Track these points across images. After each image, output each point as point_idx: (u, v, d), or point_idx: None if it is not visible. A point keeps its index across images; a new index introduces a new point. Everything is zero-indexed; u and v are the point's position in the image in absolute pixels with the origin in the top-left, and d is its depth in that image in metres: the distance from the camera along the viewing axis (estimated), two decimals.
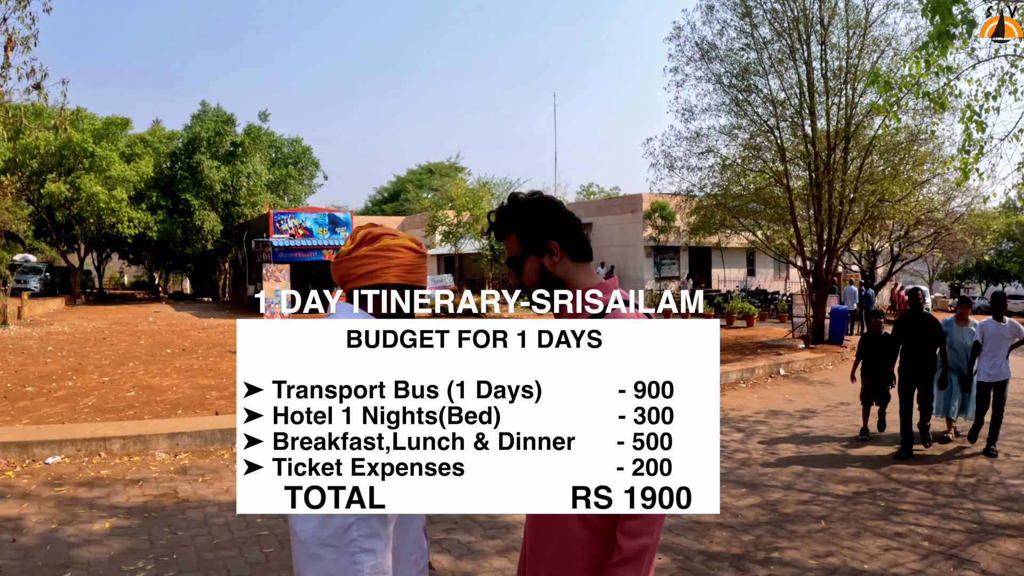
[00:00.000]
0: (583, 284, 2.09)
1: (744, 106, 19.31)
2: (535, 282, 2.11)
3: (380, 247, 2.09)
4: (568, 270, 2.10)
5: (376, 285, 2.08)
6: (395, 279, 2.08)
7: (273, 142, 42.10)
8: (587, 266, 2.13)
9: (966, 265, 41.97)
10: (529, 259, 2.10)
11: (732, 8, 18.74)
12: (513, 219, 2.11)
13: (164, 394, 10.44)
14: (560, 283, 2.10)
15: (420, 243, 2.22)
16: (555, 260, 2.08)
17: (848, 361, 17.08)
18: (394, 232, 2.17)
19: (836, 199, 18.19)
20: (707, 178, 20.77)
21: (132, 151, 35.61)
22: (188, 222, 36.53)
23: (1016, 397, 12.70)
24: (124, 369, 12.91)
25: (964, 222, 23.92)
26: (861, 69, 17.57)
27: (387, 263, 2.08)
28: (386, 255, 2.08)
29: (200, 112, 39.62)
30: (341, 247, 2.22)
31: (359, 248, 2.09)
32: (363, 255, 2.08)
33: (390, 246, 2.10)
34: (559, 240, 2.08)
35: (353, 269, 2.08)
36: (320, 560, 1.90)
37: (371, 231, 2.13)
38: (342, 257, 2.12)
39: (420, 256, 2.16)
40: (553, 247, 2.08)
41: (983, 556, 5.13)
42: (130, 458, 7.01)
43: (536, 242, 2.08)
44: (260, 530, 5.09)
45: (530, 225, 2.08)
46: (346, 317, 1.98)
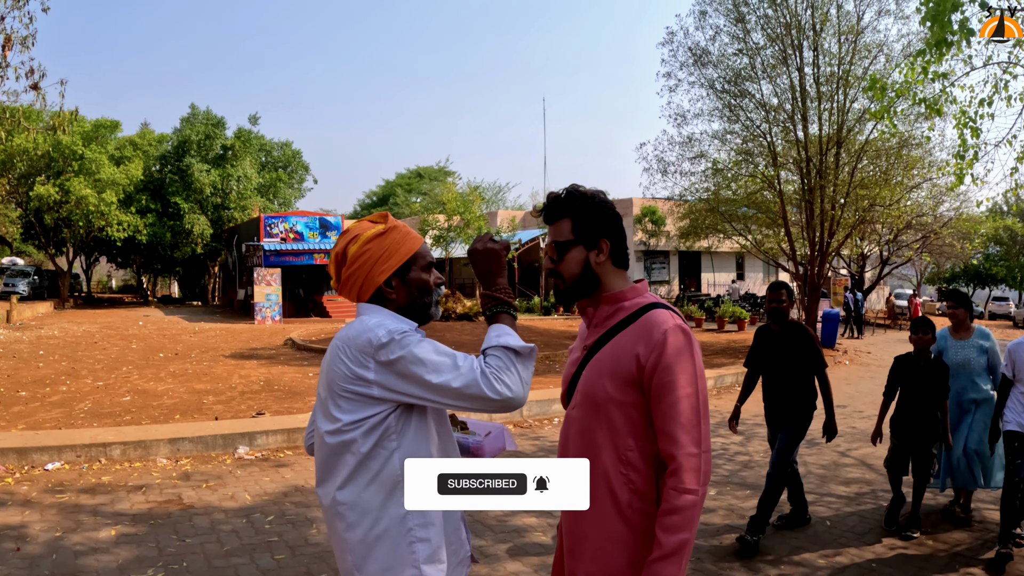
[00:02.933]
0: (616, 288, 2.12)
1: (737, 111, 19.43)
2: (575, 274, 2.11)
3: (350, 261, 2.02)
4: (607, 272, 2.12)
5: (378, 292, 2.03)
6: (385, 274, 2.01)
7: (263, 145, 41.95)
8: (624, 274, 2.15)
9: (953, 269, 42.29)
10: (576, 249, 2.10)
11: (725, 14, 18.88)
12: (573, 205, 2.10)
13: (160, 399, 10.38)
14: (597, 283, 2.12)
15: (383, 215, 2.09)
16: (601, 259, 2.10)
17: (841, 364, 17.16)
18: (355, 232, 2.05)
19: (828, 203, 18.31)
20: (699, 183, 20.89)
21: (121, 154, 35.38)
22: (177, 225, 36.33)
23: None
24: (118, 373, 12.82)
25: (952, 226, 24.11)
26: (853, 75, 17.70)
27: (367, 269, 2.00)
28: (359, 264, 2.01)
29: (190, 115, 39.45)
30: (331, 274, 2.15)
31: (340, 271, 2.05)
32: (346, 279, 2.03)
33: (356, 254, 2.00)
34: (611, 240, 2.10)
35: (351, 293, 2.06)
36: (378, 551, 1.90)
37: (337, 250, 2.06)
38: (337, 287, 2.10)
39: (388, 232, 2.03)
40: (603, 245, 2.09)
41: (988, 555, 5.13)
42: (131, 464, 6.96)
43: (589, 234, 2.09)
44: (270, 536, 5.06)
45: (589, 216, 2.09)
46: (377, 319, 1.96)
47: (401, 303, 2.06)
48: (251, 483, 6.40)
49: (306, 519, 5.43)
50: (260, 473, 6.75)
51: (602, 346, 2.08)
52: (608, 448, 2.02)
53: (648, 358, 1.96)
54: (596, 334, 2.13)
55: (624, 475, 2.00)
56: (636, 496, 2.00)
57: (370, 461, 1.90)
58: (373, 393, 1.88)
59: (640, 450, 2.00)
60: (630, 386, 1.99)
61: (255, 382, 12.10)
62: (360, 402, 1.90)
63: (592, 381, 2.06)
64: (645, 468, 2.00)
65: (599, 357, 2.07)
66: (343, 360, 1.91)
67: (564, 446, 2.16)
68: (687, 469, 1.90)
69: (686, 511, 1.89)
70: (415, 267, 2.06)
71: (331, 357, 1.97)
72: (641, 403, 2.00)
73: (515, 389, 1.85)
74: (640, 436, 2.01)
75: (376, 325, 1.92)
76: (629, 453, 2.00)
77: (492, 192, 62.95)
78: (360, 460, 1.90)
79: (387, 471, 1.90)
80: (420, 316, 2.09)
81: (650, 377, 1.96)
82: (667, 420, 1.94)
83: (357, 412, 1.90)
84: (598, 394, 2.04)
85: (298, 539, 5.02)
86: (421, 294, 2.07)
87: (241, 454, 7.43)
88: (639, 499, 2.00)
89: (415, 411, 1.96)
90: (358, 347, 1.90)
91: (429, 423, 1.99)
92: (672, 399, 1.94)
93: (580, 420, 2.10)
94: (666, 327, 1.98)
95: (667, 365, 1.94)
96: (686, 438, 1.92)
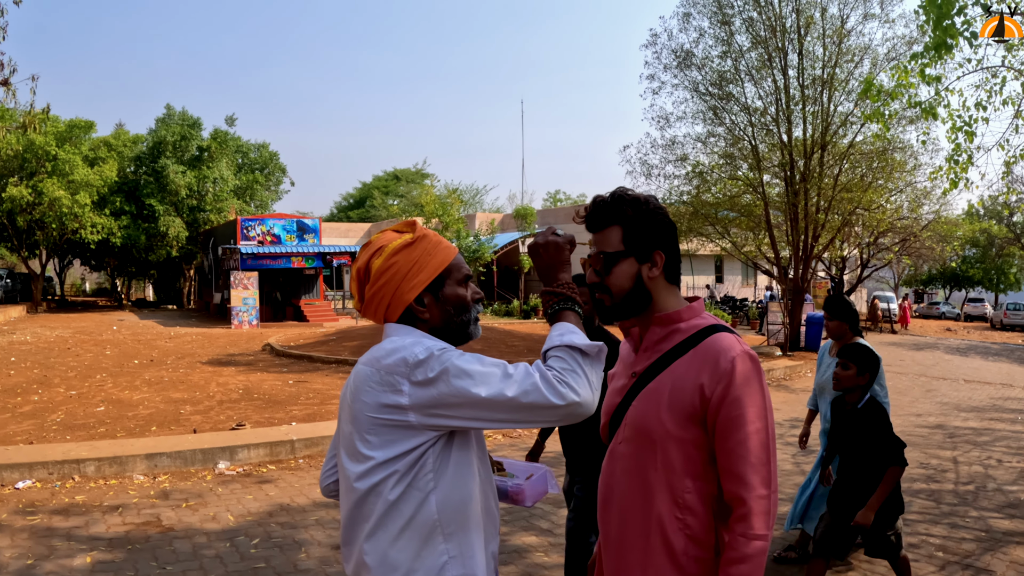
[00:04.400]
0: (669, 308, 1.89)
1: (721, 114, 19.35)
2: (624, 289, 1.86)
3: (374, 277, 1.77)
4: (659, 289, 1.89)
5: (408, 312, 1.77)
6: (416, 291, 1.75)
7: (240, 147, 41.39)
8: (676, 291, 1.92)
9: (931, 271, 42.69)
10: (627, 261, 1.86)
11: (710, 16, 18.79)
12: (624, 212, 1.85)
13: (135, 409, 10.03)
14: (648, 300, 1.88)
15: (411, 224, 1.84)
16: (654, 273, 1.86)
17: None
18: (379, 244, 1.81)
19: (812, 207, 18.28)
20: (681, 185, 20.80)
21: (96, 155, 34.68)
22: (152, 228, 35.72)
23: (997, 402, 12.81)
24: (91, 382, 12.43)
25: (931, 229, 24.24)
26: (837, 78, 17.69)
27: (395, 285, 1.75)
28: (385, 280, 1.76)
29: (165, 115, 38.87)
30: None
31: (364, 290, 1.79)
32: (370, 297, 1.78)
33: (381, 268, 1.76)
34: (666, 253, 1.87)
35: (376, 313, 1.79)
36: None
37: (359, 264, 1.81)
38: (360, 308, 1.83)
39: (417, 243, 1.79)
40: (658, 258, 1.86)
41: (998, 564, 5.08)
42: (106, 481, 6.64)
43: (643, 246, 1.85)
44: (256, 562, 4.78)
45: (642, 225, 1.85)
46: (411, 338, 1.71)
47: (435, 322, 1.79)
48: (233, 502, 6.11)
49: (294, 542, 5.15)
50: (242, 490, 6.46)
51: (656, 374, 1.85)
52: (663, 490, 1.80)
53: (714, 390, 1.74)
54: (647, 359, 1.90)
55: (680, 519, 1.78)
56: (692, 543, 1.79)
57: (401, 505, 1.62)
58: (410, 420, 1.61)
59: (699, 491, 1.79)
60: (691, 421, 1.78)
61: (234, 390, 11.76)
62: (395, 434, 1.62)
63: (646, 414, 1.83)
64: (703, 511, 1.79)
65: (654, 387, 1.84)
66: (371, 386, 1.64)
67: (608, 487, 1.94)
68: (757, 513, 1.70)
69: (755, 559, 1.69)
70: (450, 281, 1.80)
71: (356, 384, 1.69)
72: (703, 440, 1.79)
73: (583, 393, 1.57)
74: (699, 476, 1.79)
75: (412, 343, 1.66)
76: (687, 495, 1.79)
77: (470, 195, 62.72)
78: (390, 505, 1.62)
79: (421, 517, 1.63)
80: (457, 337, 1.81)
81: (716, 411, 1.75)
82: (735, 459, 1.73)
83: (392, 447, 1.62)
84: (654, 430, 1.81)
85: (287, 565, 4.74)
86: (458, 312, 1.80)
87: (222, 469, 7.13)
88: (695, 546, 1.79)
89: (455, 445, 1.68)
90: (389, 368, 1.63)
91: (471, 458, 1.72)
92: (741, 435, 1.73)
93: (629, 458, 1.87)
94: (733, 354, 1.76)
95: (735, 398, 1.73)
96: (756, 478, 1.71)
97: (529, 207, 37.90)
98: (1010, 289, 47.08)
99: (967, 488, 7.08)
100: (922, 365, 18.92)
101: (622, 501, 1.88)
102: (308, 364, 15.56)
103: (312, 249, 29.97)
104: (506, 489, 1.96)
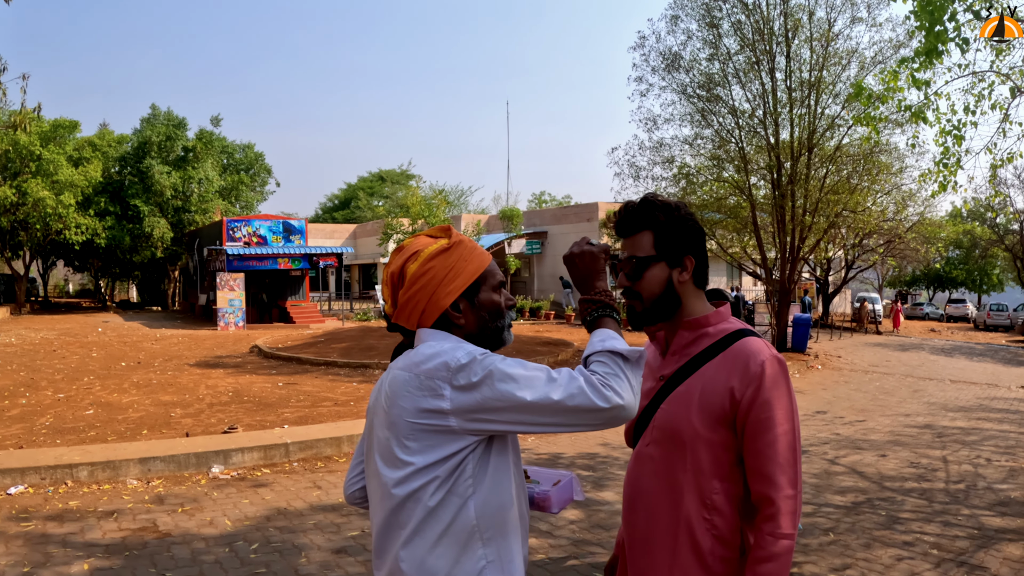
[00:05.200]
0: (697, 312, 1.92)
1: (708, 116, 19.44)
2: (655, 293, 1.89)
3: (409, 282, 1.73)
4: (689, 293, 1.92)
5: (443, 318, 1.74)
6: (452, 296, 1.72)
7: (225, 147, 41.12)
8: (703, 296, 1.96)
9: (915, 272, 43.06)
10: (659, 266, 1.89)
11: (698, 19, 18.87)
12: (656, 217, 1.88)
13: (125, 412, 9.95)
14: (678, 304, 1.91)
15: (446, 229, 1.81)
16: (684, 278, 1.90)
17: (814, 369, 17.26)
18: (414, 248, 1.77)
19: (799, 209, 18.40)
20: (668, 187, 20.87)
21: (80, 155, 34.34)
22: (137, 229, 35.43)
23: (984, 402, 12.95)
24: (79, 384, 12.33)
25: (916, 230, 24.48)
26: (824, 81, 17.81)
27: (431, 291, 1.71)
28: (421, 285, 1.72)
29: (150, 116, 38.58)
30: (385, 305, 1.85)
31: (397, 296, 1.76)
32: (405, 302, 1.74)
33: (416, 274, 1.72)
34: (696, 257, 1.90)
35: (410, 318, 1.75)
36: None
37: (393, 269, 1.76)
38: (393, 315, 1.79)
39: (453, 248, 1.76)
40: (688, 263, 1.90)
41: (991, 561, 5.14)
42: (99, 486, 6.57)
43: (675, 251, 1.88)
44: (256, 567, 4.74)
45: (673, 229, 1.88)
46: (450, 343, 1.68)
47: (470, 329, 1.76)
48: (229, 506, 6.07)
49: (293, 546, 5.12)
50: (238, 494, 6.42)
51: (685, 378, 1.88)
52: (691, 491, 1.84)
53: (744, 393, 1.78)
54: (675, 363, 1.93)
55: (708, 520, 1.82)
56: (719, 543, 1.82)
57: (440, 511, 1.61)
58: (451, 425, 1.59)
59: (726, 492, 1.83)
60: (721, 423, 1.81)
61: (223, 392, 11.70)
62: (435, 439, 1.60)
63: (676, 417, 1.86)
64: (731, 512, 1.83)
65: (683, 390, 1.87)
66: (409, 391, 1.62)
67: (635, 487, 1.97)
68: (784, 512, 1.74)
69: (782, 557, 1.73)
70: (485, 287, 1.78)
71: (393, 389, 1.67)
72: (731, 442, 1.82)
73: (626, 397, 1.57)
74: (726, 477, 1.83)
75: (452, 348, 1.64)
76: (715, 496, 1.82)
77: (456, 195, 62.65)
78: (429, 511, 1.61)
79: (460, 522, 1.61)
80: (492, 342, 1.80)
81: (746, 413, 1.79)
82: (764, 459, 1.77)
83: (432, 452, 1.60)
84: (684, 432, 1.84)
85: (288, 570, 4.71)
86: (493, 318, 1.78)
87: (216, 473, 7.08)
88: (722, 546, 1.82)
89: (494, 450, 1.67)
90: (429, 373, 1.61)
91: (509, 463, 1.71)
92: (770, 437, 1.77)
93: (658, 460, 1.90)
94: (763, 358, 1.80)
95: (765, 400, 1.77)
96: (783, 479, 1.76)
97: (515, 208, 37.88)
98: (993, 290, 47.61)
99: (958, 487, 7.17)
100: (908, 366, 19.09)
101: (649, 502, 1.91)
102: (297, 366, 15.50)
103: (298, 250, 29.82)
104: (532, 496, 1.95)
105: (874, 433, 9.81)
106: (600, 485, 6.88)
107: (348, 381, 13.20)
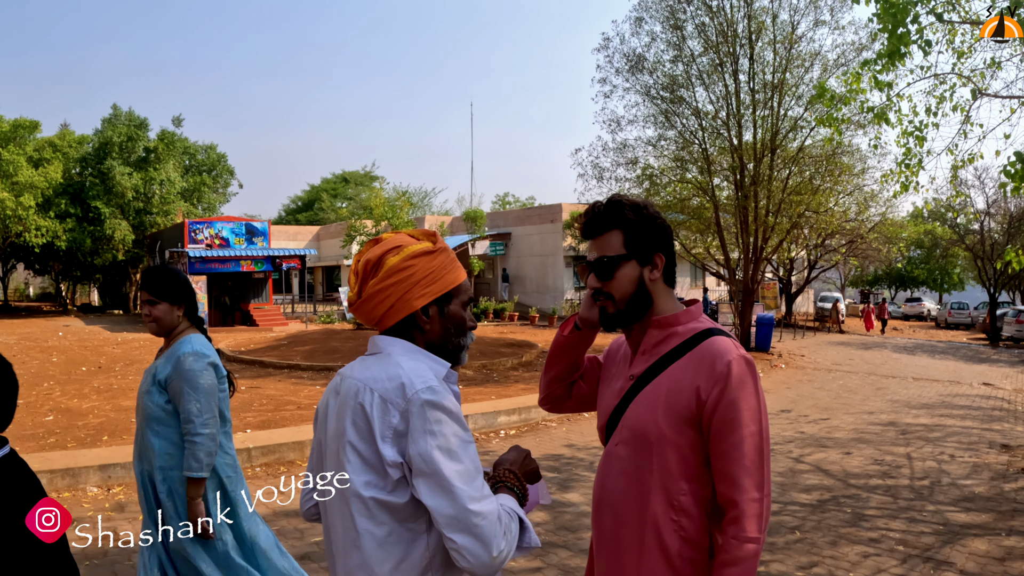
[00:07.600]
0: (667, 311, 1.90)
1: (672, 118, 19.58)
2: (628, 292, 1.87)
3: (385, 273, 1.68)
4: (659, 292, 1.90)
5: (408, 319, 1.71)
6: (426, 299, 1.69)
7: (187, 148, 40.45)
8: (673, 294, 1.94)
9: (876, 272, 43.78)
10: (629, 265, 1.87)
11: (662, 21, 19.00)
12: (624, 216, 1.87)
13: (85, 418, 9.73)
14: (649, 303, 1.89)
15: (430, 234, 1.79)
16: (655, 276, 1.88)
17: (777, 368, 17.45)
18: (397, 242, 1.74)
19: (762, 209, 18.60)
20: (631, 188, 21.00)
21: (40, 156, 33.49)
22: (98, 231, 34.68)
23: (946, 399, 13.18)
24: (39, 390, 12.04)
25: (877, 230, 24.89)
26: (787, 83, 18.03)
27: (406, 288, 1.67)
28: (397, 279, 1.67)
29: (112, 116, 37.79)
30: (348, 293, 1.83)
31: (366, 285, 1.70)
32: (374, 292, 1.69)
33: (396, 267, 1.67)
34: (665, 256, 1.89)
35: (374, 311, 1.70)
36: None
37: (370, 256, 1.72)
38: (355, 303, 1.73)
39: (438, 253, 1.74)
40: (659, 261, 1.88)
41: (957, 556, 5.22)
42: (59, 494, 6.40)
43: (644, 249, 1.87)
44: None
45: (644, 228, 1.87)
46: (413, 363, 1.66)
47: (434, 338, 1.74)
48: None
49: None
50: None
51: (653, 377, 1.86)
52: (658, 491, 1.81)
53: (710, 392, 1.76)
54: (645, 363, 1.90)
55: (675, 521, 1.80)
56: (687, 544, 1.80)
57: (397, 509, 1.61)
58: (387, 456, 1.59)
59: (693, 494, 1.81)
60: (687, 424, 1.79)
61: None
62: (395, 446, 1.60)
63: (643, 417, 1.84)
64: (698, 514, 1.81)
65: (651, 390, 1.85)
66: (367, 405, 1.61)
67: (602, 486, 1.95)
68: (749, 516, 1.71)
69: (747, 562, 1.70)
70: (456, 300, 1.77)
71: (345, 399, 1.66)
72: (698, 443, 1.80)
73: (507, 555, 1.57)
74: (693, 479, 1.81)
75: (423, 369, 1.64)
76: (681, 497, 1.80)
77: (419, 197, 62.33)
78: (386, 508, 1.60)
79: (415, 518, 1.62)
80: (450, 358, 1.78)
81: (711, 414, 1.76)
82: (728, 461, 1.74)
83: (392, 458, 1.60)
84: (650, 432, 1.82)
85: None
86: (457, 332, 1.77)
87: None
88: (690, 548, 1.80)
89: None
90: (386, 393, 1.61)
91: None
92: (735, 438, 1.74)
93: (626, 460, 1.88)
94: (729, 358, 1.77)
95: (731, 400, 1.74)
96: (749, 481, 1.72)
97: (478, 210, 37.79)
98: (954, 289, 48.59)
99: (922, 483, 7.27)
100: (871, 364, 19.38)
101: (616, 502, 1.89)
102: (260, 369, 15.29)
103: (261, 252, 29.45)
104: None
105: (838, 431, 9.93)
106: (566, 487, 6.86)
107: (312, 384, 13.05)
